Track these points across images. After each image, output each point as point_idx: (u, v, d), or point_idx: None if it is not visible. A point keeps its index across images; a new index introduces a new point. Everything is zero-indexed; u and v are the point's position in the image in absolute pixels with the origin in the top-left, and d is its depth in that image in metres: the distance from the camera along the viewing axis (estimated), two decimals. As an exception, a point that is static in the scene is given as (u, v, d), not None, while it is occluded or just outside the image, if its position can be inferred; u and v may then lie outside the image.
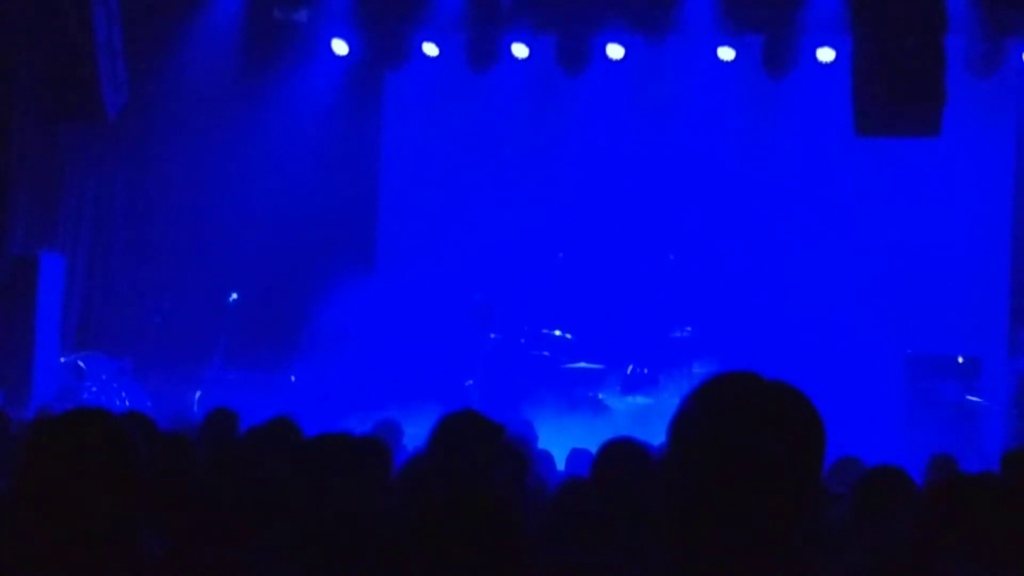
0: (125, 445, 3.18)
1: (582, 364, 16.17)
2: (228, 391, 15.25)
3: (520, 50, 17.39)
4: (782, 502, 2.30)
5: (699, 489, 2.32)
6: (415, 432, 9.26)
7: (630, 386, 15.88)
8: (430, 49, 17.64)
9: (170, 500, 4.36)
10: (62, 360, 15.49)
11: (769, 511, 2.30)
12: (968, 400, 14.87)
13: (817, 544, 2.33)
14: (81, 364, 15.57)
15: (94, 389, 15.17)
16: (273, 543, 3.52)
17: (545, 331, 16.40)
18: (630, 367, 16.04)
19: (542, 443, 10.90)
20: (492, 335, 16.35)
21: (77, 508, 3.11)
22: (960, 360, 15.07)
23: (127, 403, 14.80)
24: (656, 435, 8.97)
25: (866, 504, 5.43)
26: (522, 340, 16.24)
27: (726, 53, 16.96)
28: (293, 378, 16.17)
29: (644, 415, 15.01)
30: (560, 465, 9.32)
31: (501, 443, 5.16)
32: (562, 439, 11.57)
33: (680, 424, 2.39)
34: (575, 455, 9.41)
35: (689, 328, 16.18)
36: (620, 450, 5.51)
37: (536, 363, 16.09)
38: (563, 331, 16.47)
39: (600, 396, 15.84)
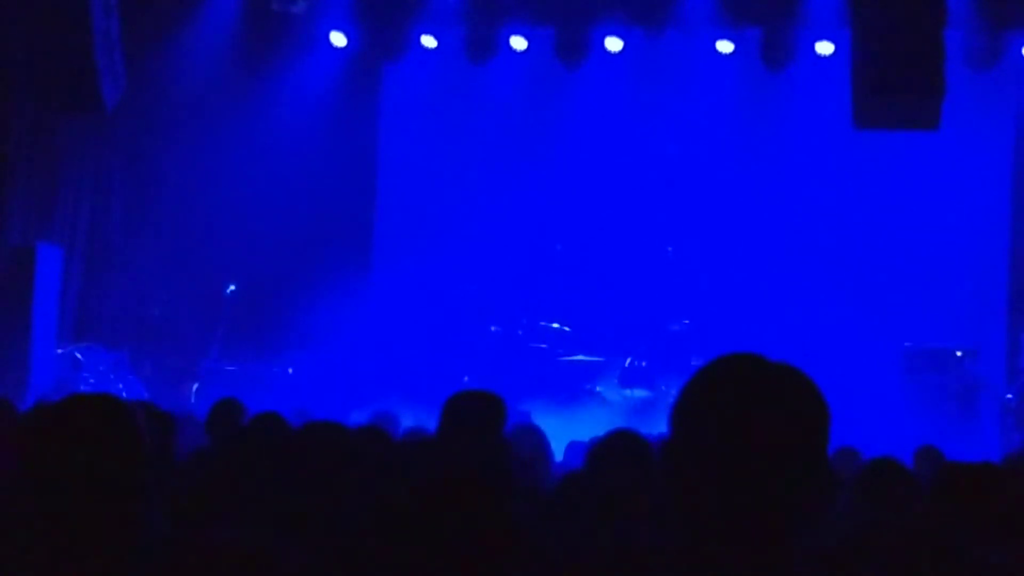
0: (130, 428, 3.19)
1: (580, 357, 16.17)
2: (225, 383, 15.24)
3: (518, 42, 17.38)
4: (790, 482, 2.29)
5: (703, 471, 2.30)
6: (412, 425, 9.25)
7: (628, 379, 15.88)
8: (428, 41, 17.63)
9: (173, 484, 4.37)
10: (59, 351, 15.47)
11: (776, 491, 2.28)
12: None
13: (824, 528, 2.32)
14: (78, 355, 15.55)
15: (91, 380, 15.16)
16: (276, 528, 3.52)
17: (543, 323, 16.40)
18: (628, 360, 16.03)
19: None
20: (492, 328, 16.33)
21: (82, 491, 3.11)
22: (958, 354, 15.08)
23: (124, 395, 14.78)
24: (654, 428, 8.98)
25: (866, 494, 5.44)
26: (520, 332, 16.24)
27: (725, 46, 16.96)
28: (290, 370, 16.16)
29: (642, 408, 15.01)
30: (557, 457, 9.31)
31: (505, 415, 5.17)
32: (559, 431, 11.55)
33: (683, 406, 2.36)
34: (572, 448, 9.41)
35: (687, 321, 16.18)
36: (618, 442, 5.49)
37: (534, 355, 16.09)
38: (561, 324, 16.46)
39: (598, 389, 15.84)
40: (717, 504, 2.28)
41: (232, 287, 16.82)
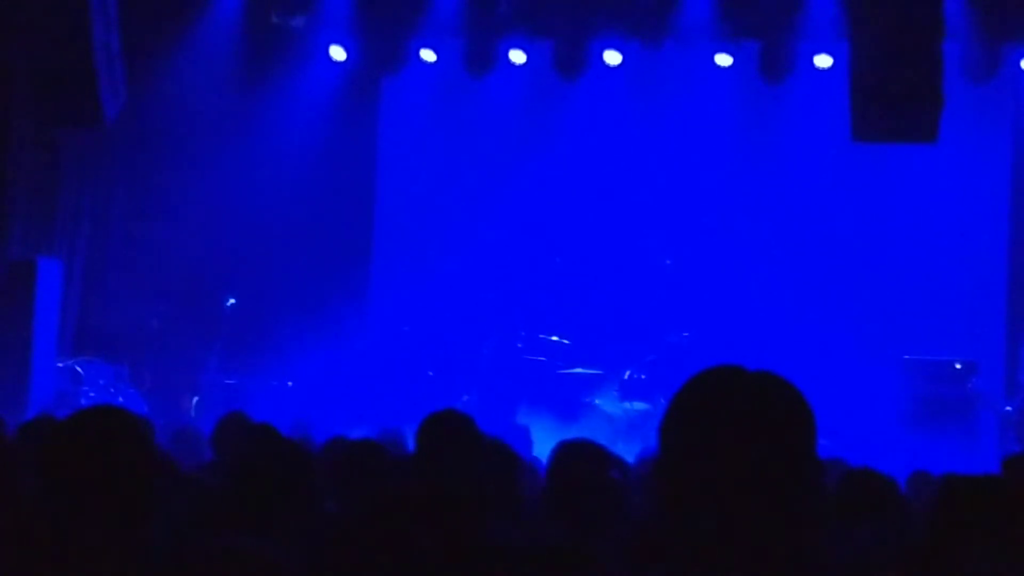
0: (141, 441, 3.21)
1: (579, 370, 16.15)
2: (225, 396, 15.24)
3: (517, 56, 17.41)
4: (778, 488, 2.31)
5: (693, 486, 2.32)
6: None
7: (627, 392, 15.86)
8: (427, 55, 17.65)
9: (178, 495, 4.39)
10: (59, 365, 15.47)
11: (766, 498, 2.30)
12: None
13: (816, 540, 2.33)
14: (78, 369, 15.55)
15: (91, 394, 15.15)
16: (277, 539, 3.53)
17: (542, 336, 16.39)
18: (627, 372, 16.02)
19: (538, 449, 10.89)
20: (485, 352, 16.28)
21: (94, 502, 3.13)
22: (958, 366, 15.08)
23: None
24: (654, 441, 8.99)
25: (849, 506, 5.44)
26: (519, 345, 16.23)
27: (723, 59, 16.98)
28: (290, 383, 16.16)
29: (641, 421, 15.01)
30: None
31: (479, 438, 5.19)
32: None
33: (668, 424, 2.39)
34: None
35: (686, 333, 16.17)
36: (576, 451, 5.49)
37: (533, 368, 16.07)
38: (560, 336, 16.45)
39: (597, 401, 15.83)
40: (710, 516, 2.30)
41: (232, 300, 16.82)
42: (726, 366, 2.42)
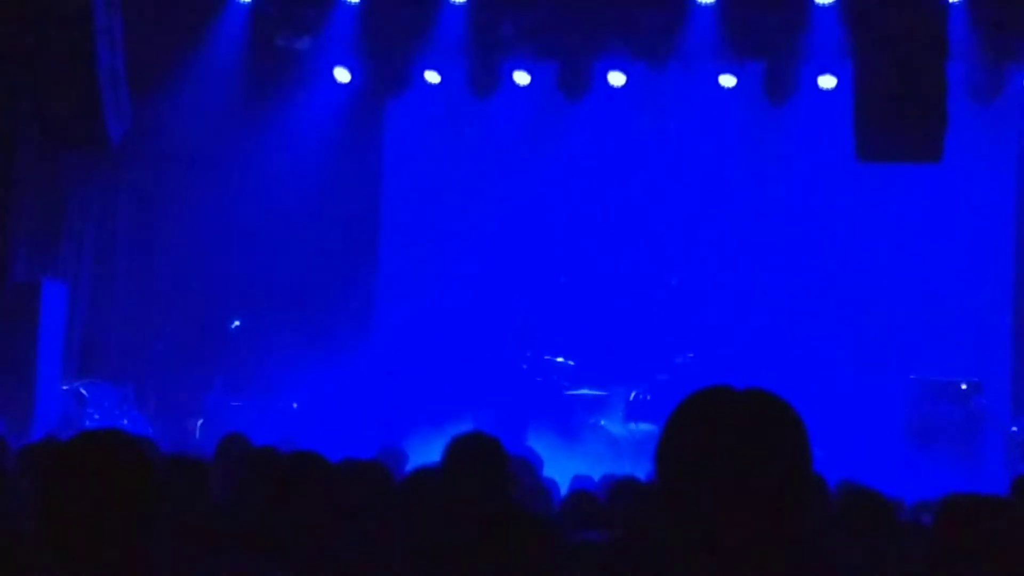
0: (143, 464, 3.21)
1: (584, 390, 16.14)
2: (230, 418, 15.22)
3: (521, 77, 17.44)
4: (775, 510, 2.30)
5: (691, 514, 2.31)
6: (420, 460, 9.22)
7: (633, 412, 15.85)
8: (431, 76, 17.68)
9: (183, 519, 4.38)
10: (64, 387, 15.47)
11: (765, 516, 2.29)
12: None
13: (814, 556, 2.32)
14: (83, 391, 15.55)
15: (96, 416, 15.15)
16: (285, 562, 3.53)
17: (547, 357, 16.38)
18: (633, 393, 16.01)
19: (546, 471, 10.87)
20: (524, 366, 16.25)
21: (96, 527, 3.13)
22: (964, 386, 15.07)
23: (129, 430, 14.70)
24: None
25: (854, 526, 5.43)
26: (524, 366, 16.22)
27: (727, 80, 17.00)
28: (295, 405, 16.15)
29: (647, 441, 14.98)
30: (564, 493, 9.30)
31: (508, 462, 5.18)
32: (565, 466, 11.55)
33: (662, 450, 2.38)
34: (577, 481, 9.42)
35: (692, 353, 16.16)
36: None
37: (538, 389, 16.06)
38: (565, 357, 16.45)
39: (602, 422, 15.81)
40: (708, 537, 2.29)
41: (237, 322, 16.83)
42: (715, 387, 2.41)
